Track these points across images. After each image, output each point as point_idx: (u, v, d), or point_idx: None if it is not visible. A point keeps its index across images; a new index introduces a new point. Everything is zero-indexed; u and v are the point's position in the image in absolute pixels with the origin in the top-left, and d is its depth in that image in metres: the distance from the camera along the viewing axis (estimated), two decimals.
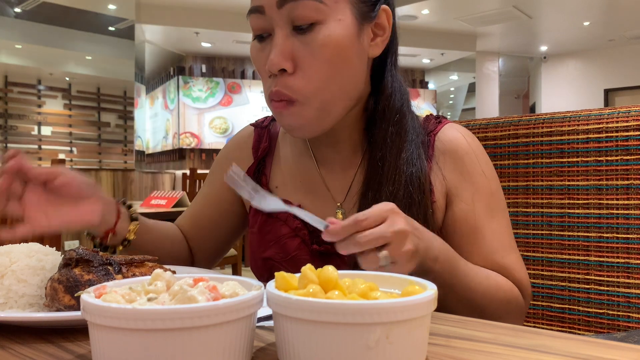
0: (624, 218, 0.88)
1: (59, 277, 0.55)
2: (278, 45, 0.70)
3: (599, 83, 9.00)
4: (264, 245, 0.85)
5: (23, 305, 0.57)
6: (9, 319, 0.53)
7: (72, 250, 0.58)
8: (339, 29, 0.71)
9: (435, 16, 7.17)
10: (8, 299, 0.57)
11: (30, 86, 8.30)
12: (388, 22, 0.77)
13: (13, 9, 7.26)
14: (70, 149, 8.56)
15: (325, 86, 0.71)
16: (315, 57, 0.70)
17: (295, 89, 0.71)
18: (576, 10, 7.03)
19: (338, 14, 0.71)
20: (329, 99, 0.73)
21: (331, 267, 0.45)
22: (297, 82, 0.71)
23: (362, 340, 0.39)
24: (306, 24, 0.70)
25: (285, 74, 0.71)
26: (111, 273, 0.57)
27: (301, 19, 0.70)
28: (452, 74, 10.02)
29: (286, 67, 0.70)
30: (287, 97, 0.71)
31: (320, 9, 0.70)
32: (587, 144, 0.92)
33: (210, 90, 7.91)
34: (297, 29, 0.71)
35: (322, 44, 0.70)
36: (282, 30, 0.71)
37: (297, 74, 0.71)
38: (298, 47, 0.71)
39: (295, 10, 0.69)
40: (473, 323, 0.55)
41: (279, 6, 0.70)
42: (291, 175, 0.86)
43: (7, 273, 0.58)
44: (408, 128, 0.78)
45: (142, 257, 0.62)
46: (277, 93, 0.72)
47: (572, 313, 0.94)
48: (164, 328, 0.37)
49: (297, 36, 0.71)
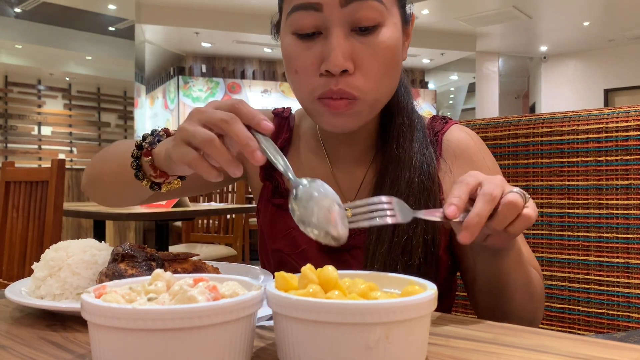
0: (623, 218, 0.88)
1: (106, 271, 0.59)
2: (340, 45, 0.69)
3: (598, 83, 9.01)
4: (273, 237, 0.85)
5: (77, 296, 0.62)
6: (64, 309, 0.58)
7: (120, 246, 0.63)
8: (396, 32, 0.72)
9: (435, 16, 7.17)
10: (64, 290, 0.62)
11: (30, 86, 8.30)
12: (412, 28, 0.81)
13: (13, 9, 7.26)
14: (70, 149, 8.56)
15: (379, 86, 0.73)
16: (375, 59, 0.71)
17: (355, 88, 0.71)
18: (576, 10, 7.03)
19: (394, 17, 0.73)
20: (379, 98, 0.74)
21: (331, 267, 0.45)
22: (357, 81, 0.71)
23: (362, 340, 0.39)
24: (370, 25, 0.70)
25: (346, 74, 0.70)
26: (153, 268, 0.60)
27: (365, 20, 0.69)
28: (452, 74, 10.02)
29: (348, 68, 0.69)
30: (350, 95, 0.71)
31: (382, 11, 0.70)
32: (587, 144, 0.92)
33: (210, 90, 7.91)
34: (359, 29, 0.70)
35: (384, 47, 0.71)
36: (342, 30, 0.69)
37: (356, 74, 0.71)
38: (358, 48, 0.70)
39: (360, 10, 0.69)
40: (473, 323, 0.55)
41: (343, 5, 0.68)
42: (304, 172, 0.86)
43: (63, 266, 0.63)
44: (416, 121, 0.81)
45: (185, 253, 0.65)
46: (339, 92, 0.70)
47: (572, 313, 0.94)
48: (164, 328, 0.37)
49: (356, 37, 0.70)
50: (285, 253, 0.83)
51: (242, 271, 0.78)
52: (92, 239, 0.70)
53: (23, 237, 2.26)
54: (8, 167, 2.45)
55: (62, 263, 0.64)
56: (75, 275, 0.63)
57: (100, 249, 0.67)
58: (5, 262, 2.30)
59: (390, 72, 0.73)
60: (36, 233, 2.19)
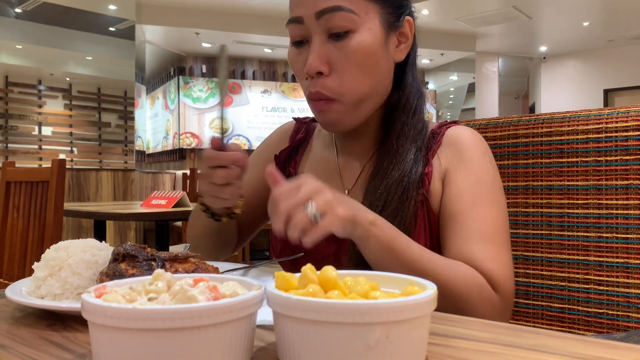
0: (623, 218, 0.88)
1: (107, 271, 0.59)
2: (315, 50, 0.79)
3: (598, 83, 9.01)
4: None
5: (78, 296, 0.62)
6: (65, 309, 0.58)
7: (120, 246, 0.63)
8: (369, 37, 0.80)
9: (435, 16, 7.17)
10: (65, 290, 0.62)
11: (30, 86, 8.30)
12: (410, 31, 0.87)
13: (13, 9, 7.26)
14: (71, 149, 8.56)
15: (357, 86, 0.81)
16: (348, 61, 0.79)
17: (331, 89, 0.80)
18: (576, 11, 7.03)
19: (368, 23, 0.80)
20: (360, 97, 0.82)
21: (331, 267, 0.45)
22: (333, 82, 0.80)
23: (362, 340, 0.39)
24: (341, 32, 0.79)
25: (322, 76, 0.80)
26: (154, 268, 0.60)
27: (336, 28, 0.79)
28: (452, 74, 10.02)
29: (323, 70, 0.80)
30: (325, 96, 0.81)
31: (354, 19, 0.79)
32: (586, 144, 0.92)
33: (210, 91, 7.90)
34: (333, 36, 0.80)
35: (354, 50, 0.79)
36: (319, 38, 0.80)
37: (332, 75, 0.80)
38: (333, 52, 0.80)
39: (331, 20, 0.78)
40: (473, 323, 0.55)
41: (317, 17, 0.79)
42: (315, 164, 0.97)
43: (64, 266, 0.63)
44: (421, 124, 0.87)
45: (185, 253, 0.66)
46: (316, 93, 0.81)
47: (572, 313, 0.94)
48: (164, 328, 0.37)
49: (332, 42, 0.80)
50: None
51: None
52: (92, 239, 0.70)
53: (23, 237, 2.26)
54: (9, 167, 2.45)
55: (63, 263, 0.64)
56: (75, 275, 0.63)
57: (100, 249, 0.67)
58: (5, 262, 2.30)
59: (367, 72, 0.81)
60: (37, 233, 2.19)
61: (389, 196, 0.80)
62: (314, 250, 0.78)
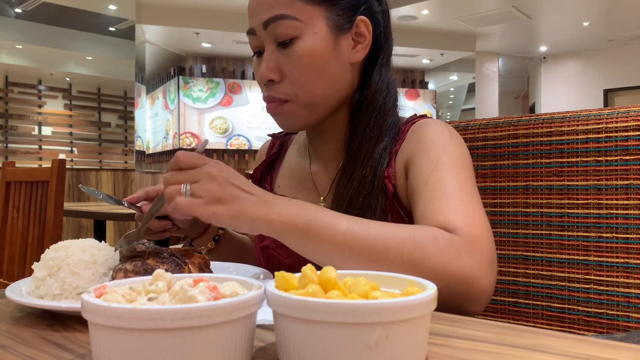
0: (623, 218, 0.88)
1: (134, 268, 0.57)
2: (265, 59, 0.83)
3: (598, 83, 9.00)
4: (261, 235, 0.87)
5: (77, 296, 0.62)
6: (64, 309, 0.58)
7: (141, 243, 0.62)
8: (314, 41, 0.81)
9: (435, 16, 7.17)
10: (63, 290, 0.62)
11: (30, 86, 8.29)
12: (367, 31, 0.85)
13: (14, 9, 7.25)
14: (71, 149, 8.56)
15: (307, 90, 0.83)
16: (295, 67, 0.81)
17: (284, 93, 0.83)
18: (576, 11, 7.03)
19: (313, 27, 0.81)
20: (312, 98, 0.83)
21: (331, 267, 0.45)
22: (285, 87, 0.83)
23: (362, 340, 0.39)
24: (287, 39, 0.81)
25: (275, 83, 0.83)
26: (180, 264, 0.59)
27: (282, 36, 0.81)
28: (452, 74, 10.02)
29: (274, 78, 0.83)
30: (276, 99, 0.84)
31: (297, 26, 0.80)
32: (586, 144, 0.92)
33: (210, 91, 7.91)
34: (281, 44, 0.82)
35: (299, 55, 0.81)
36: (269, 47, 0.83)
37: (283, 81, 0.83)
38: (282, 60, 0.82)
39: (276, 29, 0.81)
40: (473, 323, 0.55)
41: (264, 27, 0.82)
42: (291, 174, 0.98)
43: (62, 266, 0.63)
44: (387, 125, 0.86)
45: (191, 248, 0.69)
46: (268, 97, 0.85)
47: (572, 313, 0.94)
48: (164, 328, 0.37)
49: (281, 50, 0.82)
50: (271, 249, 0.90)
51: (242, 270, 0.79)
52: (91, 239, 0.70)
53: (23, 237, 2.26)
54: (8, 167, 2.45)
55: (62, 263, 0.64)
56: (74, 275, 0.63)
57: (99, 249, 0.67)
58: (5, 262, 2.30)
59: (317, 76, 0.82)
60: (36, 233, 2.19)
61: (353, 198, 0.80)
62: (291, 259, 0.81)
